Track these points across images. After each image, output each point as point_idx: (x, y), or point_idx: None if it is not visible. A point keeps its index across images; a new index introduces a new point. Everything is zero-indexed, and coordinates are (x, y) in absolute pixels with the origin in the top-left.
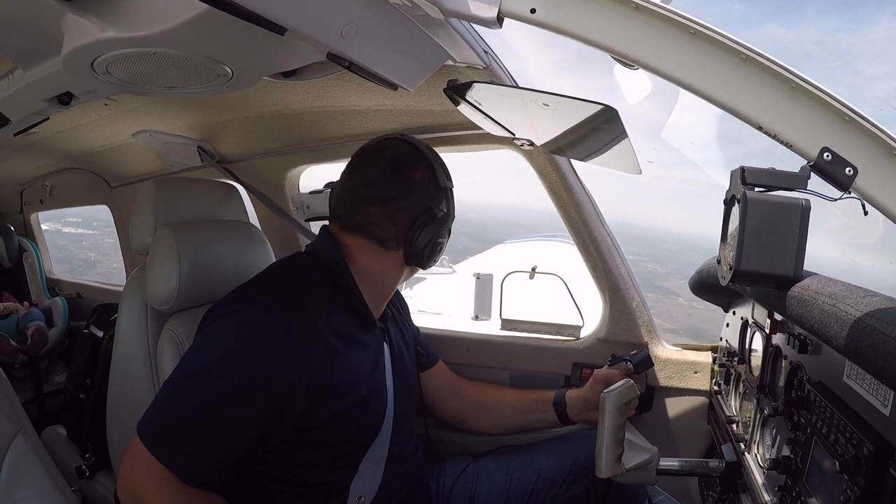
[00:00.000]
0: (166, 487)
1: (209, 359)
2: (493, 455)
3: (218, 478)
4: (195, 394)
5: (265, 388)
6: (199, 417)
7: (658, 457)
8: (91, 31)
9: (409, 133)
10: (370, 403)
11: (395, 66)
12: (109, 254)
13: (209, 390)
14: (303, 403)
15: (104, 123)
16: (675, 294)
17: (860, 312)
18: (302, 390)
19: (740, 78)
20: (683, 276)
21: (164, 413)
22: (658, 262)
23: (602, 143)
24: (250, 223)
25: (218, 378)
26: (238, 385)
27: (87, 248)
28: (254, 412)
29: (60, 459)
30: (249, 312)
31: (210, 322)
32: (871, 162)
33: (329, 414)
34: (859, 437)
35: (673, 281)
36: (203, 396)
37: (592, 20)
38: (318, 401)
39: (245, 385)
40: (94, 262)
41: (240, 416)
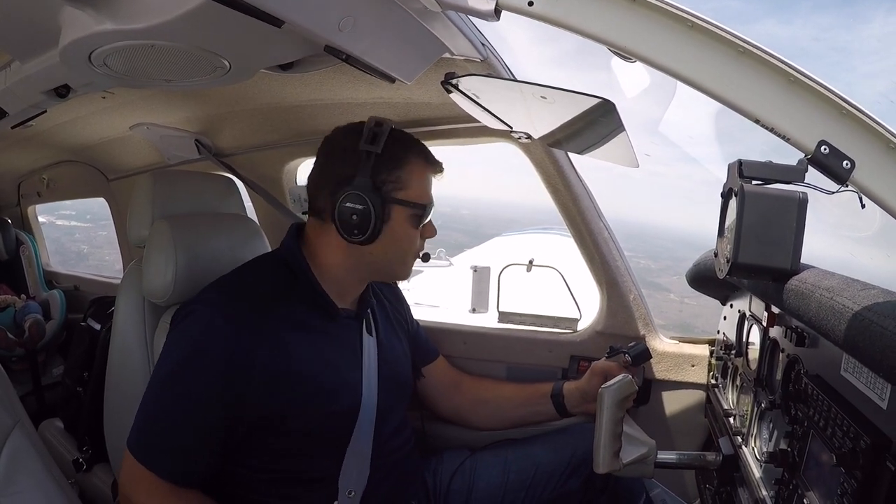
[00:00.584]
0: (157, 491)
1: (172, 360)
2: (491, 449)
3: (200, 473)
4: (165, 396)
5: (222, 380)
6: (171, 417)
7: (655, 450)
8: (88, 24)
9: (407, 126)
10: (338, 393)
11: (392, 58)
12: (102, 246)
13: (175, 390)
14: (260, 391)
15: (101, 116)
16: (667, 290)
17: (858, 305)
18: (256, 379)
19: (738, 71)
20: (676, 272)
21: (142, 420)
22: (652, 258)
23: (599, 137)
24: (247, 216)
25: (181, 377)
26: (198, 381)
27: (79, 240)
28: (217, 404)
29: (58, 452)
30: (203, 310)
31: (174, 324)
32: (869, 155)
33: (289, 402)
34: (856, 430)
35: (665, 277)
36: (172, 397)
37: (590, 13)
38: (275, 389)
39: (204, 380)
40: (86, 254)
41: (206, 410)
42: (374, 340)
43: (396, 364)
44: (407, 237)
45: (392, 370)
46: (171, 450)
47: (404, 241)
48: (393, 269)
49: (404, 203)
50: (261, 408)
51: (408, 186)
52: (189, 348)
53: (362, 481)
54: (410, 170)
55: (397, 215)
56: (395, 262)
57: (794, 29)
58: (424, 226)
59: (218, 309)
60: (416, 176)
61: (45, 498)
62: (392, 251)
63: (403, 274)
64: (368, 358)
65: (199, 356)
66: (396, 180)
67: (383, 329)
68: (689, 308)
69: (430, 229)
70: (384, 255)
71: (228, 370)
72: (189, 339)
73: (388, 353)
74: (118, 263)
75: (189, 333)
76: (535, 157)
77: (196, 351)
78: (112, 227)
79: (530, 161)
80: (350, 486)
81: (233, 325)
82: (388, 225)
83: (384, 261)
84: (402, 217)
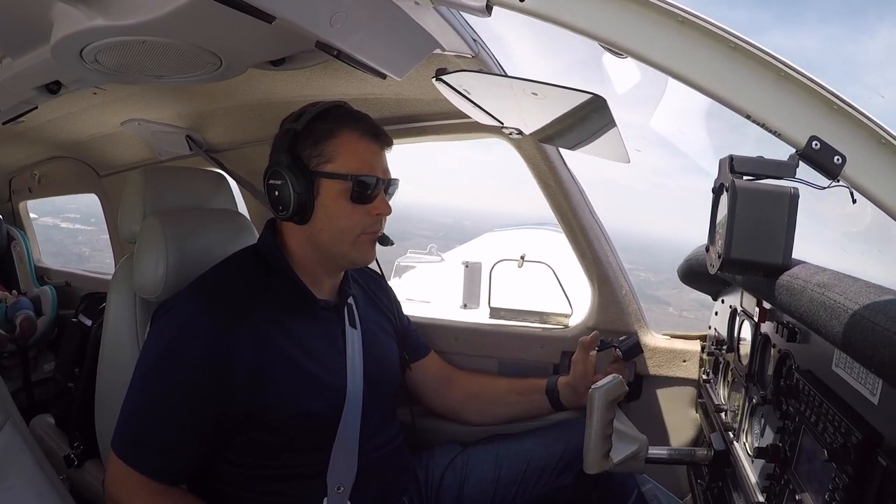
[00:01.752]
0: (142, 491)
1: (151, 358)
2: (483, 444)
3: (185, 470)
4: (145, 393)
5: (201, 375)
6: (153, 414)
7: (647, 446)
8: (80, 20)
9: (398, 122)
10: (320, 387)
11: (383, 54)
12: (103, 249)
13: (156, 387)
14: (241, 386)
15: (93, 112)
16: (666, 303)
17: (849, 301)
18: (237, 375)
19: (729, 66)
20: (676, 286)
21: (124, 419)
22: (653, 270)
23: (591, 132)
24: (238, 212)
25: (161, 374)
26: (177, 376)
27: (81, 243)
28: (198, 398)
29: (49, 448)
30: (182, 307)
31: (154, 322)
32: (860, 150)
33: (271, 397)
34: (847, 425)
35: (664, 290)
36: (152, 394)
37: (581, 8)
38: (256, 385)
39: (183, 375)
40: (87, 256)
41: (187, 405)
42: (357, 333)
43: (382, 357)
44: (342, 213)
45: (377, 363)
46: (154, 447)
47: (340, 218)
48: (340, 250)
49: (331, 176)
50: (243, 403)
51: (335, 159)
52: (168, 345)
53: (350, 476)
54: (338, 142)
55: (327, 190)
56: (338, 242)
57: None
58: (372, 203)
59: (197, 305)
60: (345, 147)
61: (36, 494)
62: (330, 229)
63: (354, 256)
64: (352, 350)
65: (178, 352)
66: (321, 154)
67: (369, 322)
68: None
69: (380, 205)
70: (324, 233)
71: (208, 365)
72: (168, 336)
73: (373, 345)
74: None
75: (168, 330)
76: (526, 153)
77: (176, 347)
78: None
79: (521, 157)
80: (338, 482)
81: (212, 321)
82: (320, 201)
83: (328, 240)
84: (332, 191)
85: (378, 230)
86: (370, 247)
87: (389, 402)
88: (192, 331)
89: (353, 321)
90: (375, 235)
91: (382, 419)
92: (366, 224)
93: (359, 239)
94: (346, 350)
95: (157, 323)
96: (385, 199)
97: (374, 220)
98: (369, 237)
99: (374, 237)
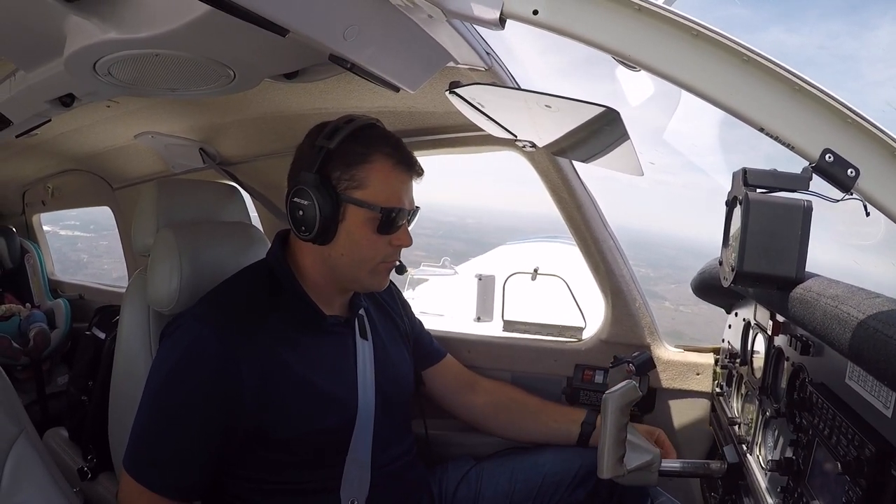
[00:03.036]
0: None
1: (161, 375)
2: (497, 458)
3: (195, 485)
4: (155, 410)
5: (211, 393)
6: (164, 431)
7: (660, 458)
8: (93, 33)
9: (411, 134)
10: (331, 403)
11: (396, 67)
12: (101, 256)
13: (167, 403)
14: (251, 404)
15: (106, 125)
16: (663, 298)
17: (862, 314)
18: (247, 391)
19: (742, 79)
20: (675, 281)
21: (134, 436)
22: (652, 266)
23: (604, 145)
24: (252, 224)
25: (169, 392)
26: (187, 394)
27: (80, 249)
28: (207, 416)
29: (62, 461)
30: (192, 324)
31: (163, 339)
32: (873, 163)
33: (281, 414)
34: (861, 438)
35: (663, 285)
36: (163, 410)
37: (595, 22)
38: (266, 401)
39: (193, 393)
40: (85, 263)
41: (197, 421)
42: (369, 344)
43: (394, 369)
44: (366, 241)
45: (389, 375)
46: (165, 464)
47: (363, 246)
48: (356, 276)
49: (360, 203)
50: (253, 419)
51: (365, 186)
52: (178, 363)
53: (364, 490)
54: (371, 168)
55: (353, 216)
56: (356, 268)
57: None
58: (395, 233)
59: (205, 323)
60: (377, 175)
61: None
62: (350, 255)
63: (370, 283)
64: (363, 363)
65: (187, 370)
66: (352, 178)
67: (381, 332)
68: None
69: (402, 237)
70: (343, 258)
71: (218, 383)
72: (177, 355)
73: (386, 356)
74: (116, 272)
75: (177, 348)
76: (539, 165)
77: (185, 365)
78: (112, 237)
79: (535, 170)
80: (352, 496)
81: (221, 338)
82: (344, 226)
83: (345, 265)
84: (358, 219)
85: (396, 259)
86: (386, 275)
87: (403, 414)
88: (201, 348)
89: (363, 333)
90: (393, 264)
91: (396, 432)
92: (386, 254)
93: (377, 267)
94: (357, 364)
95: (165, 341)
96: (408, 231)
97: (394, 250)
98: (387, 266)
99: (392, 266)
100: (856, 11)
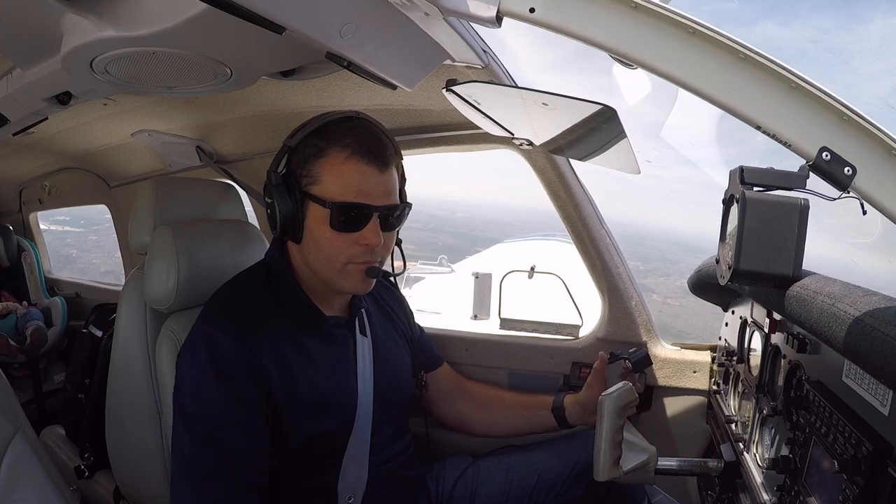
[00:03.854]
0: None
1: (192, 393)
2: (493, 455)
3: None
4: (198, 429)
5: (249, 384)
6: (217, 450)
7: (657, 457)
8: (90, 31)
9: (408, 132)
10: (332, 405)
11: (394, 65)
12: (90, 250)
13: (207, 420)
14: (276, 399)
15: (103, 123)
16: (651, 291)
17: (859, 312)
18: (273, 386)
19: (739, 77)
20: (664, 274)
21: (184, 477)
22: (642, 260)
23: (601, 143)
24: (249, 222)
25: (206, 403)
26: (227, 399)
27: (69, 244)
28: (254, 409)
29: (59, 459)
30: (204, 337)
31: (184, 361)
32: (870, 161)
33: (290, 413)
34: (858, 436)
35: (651, 278)
36: (208, 429)
37: (591, 19)
38: (276, 402)
39: (232, 393)
40: (74, 258)
41: (245, 422)
42: (368, 342)
43: (393, 370)
44: (325, 240)
45: (388, 376)
46: (231, 484)
47: (323, 245)
48: (328, 276)
49: (315, 199)
50: (277, 412)
51: (320, 181)
52: (203, 374)
53: (361, 486)
54: (324, 163)
55: (312, 213)
56: (324, 268)
57: (792, 31)
58: (359, 231)
59: (220, 330)
60: (330, 169)
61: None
62: (315, 254)
63: (343, 284)
64: (363, 361)
65: (217, 376)
66: (308, 174)
67: (381, 331)
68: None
69: (367, 235)
70: (311, 257)
71: (249, 373)
72: (200, 366)
73: (385, 357)
74: (104, 266)
75: (196, 363)
76: (536, 163)
77: (212, 373)
78: (102, 233)
79: (532, 167)
80: (349, 492)
81: (235, 339)
82: (307, 223)
83: (316, 265)
84: (316, 216)
85: (369, 261)
86: (360, 277)
87: (401, 414)
88: (219, 354)
89: (363, 329)
90: (364, 267)
91: (394, 431)
92: (351, 254)
93: (345, 268)
94: (357, 363)
95: (183, 363)
96: (375, 229)
97: (361, 249)
98: (357, 268)
99: (364, 268)
100: (848, 5)
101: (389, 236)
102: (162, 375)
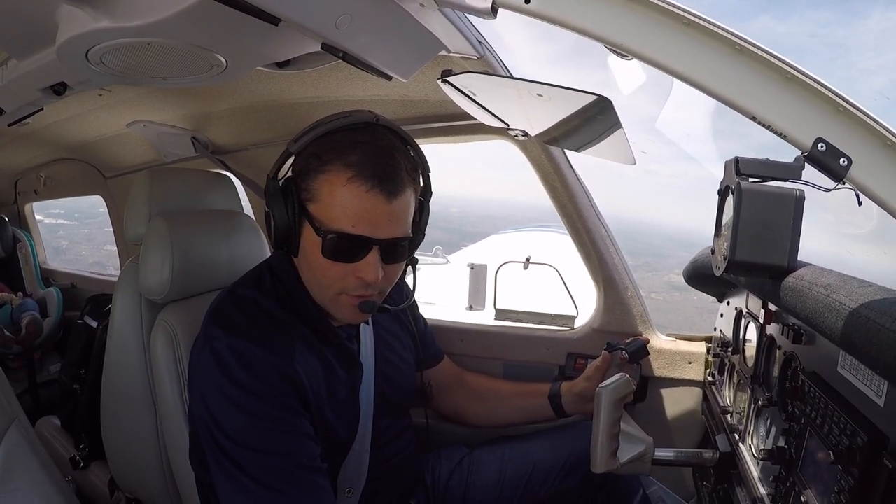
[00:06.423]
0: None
1: (226, 413)
2: (488, 446)
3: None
4: (246, 455)
5: (283, 388)
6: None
7: (653, 447)
8: (85, 21)
9: (403, 123)
10: (345, 408)
11: (389, 56)
12: (81, 242)
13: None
14: (309, 404)
15: (98, 114)
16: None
17: (854, 303)
18: (304, 389)
19: (734, 68)
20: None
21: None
22: (632, 254)
23: (597, 134)
24: (244, 213)
25: (246, 417)
26: (262, 407)
27: (61, 237)
28: (291, 411)
29: (54, 450)
30: (224, 347)
31: (192, 379)
32: (866, 152)
33: (311, 418)
34: (853, 427)
35: (639, 273)
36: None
37: (587, 10)
38: (311, 406)
39: (268, 399)
40: (64, 249)
41: (285, 429)
42: (371, 345)
43: (398, 361)
44: (317, 265)
45: (394, 367)
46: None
47: (316, 270)
48: (322, 301)
49: (310, 220)
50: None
51: (317, 199)
52: (236, 386)
53: (361, 480)
54: (325, 180)
55: (307, 232)
56: (315, 292)
57: (790, 25)
58: (355, 263)
59: (239, 339)
60: (328, 188)
61: (41, 496)
62: (309, 275)
63: (336, 313)
64: (366, 353)
65: (251, 386)
66: (307, 188)
67: (387, 325)
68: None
69: (364, 270)
70: (305, 276)
71: (283, 378)
72: (228, 378)
73: (389, 349)
74: (91, 258)
75: (240, 367)
76: (531, 154)
77: (246, 381)
78: (94, 226)
79: (527, 158)
80: (348, 485)
81: (261, 343)
82: (303, 240)
83: (307, 284)
84: (310, 238)
85: (365, 295)
86: (353, 311)
87: (403, 412)
88: (248, 361)
89: (375, 326)
90: (358, 301)
91: (395, 429)
92: (346, 285)
93: (339, 298)
94: (361, 352)
95: (194, 384)
96: (373, 264)
97: (357, 282)
98: (350, 300)
99: (357, 302)
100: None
101: (393, 268)
102: (157, 366)
